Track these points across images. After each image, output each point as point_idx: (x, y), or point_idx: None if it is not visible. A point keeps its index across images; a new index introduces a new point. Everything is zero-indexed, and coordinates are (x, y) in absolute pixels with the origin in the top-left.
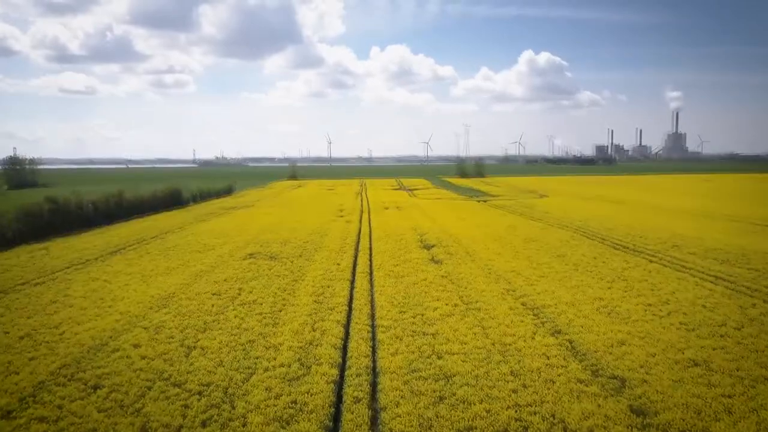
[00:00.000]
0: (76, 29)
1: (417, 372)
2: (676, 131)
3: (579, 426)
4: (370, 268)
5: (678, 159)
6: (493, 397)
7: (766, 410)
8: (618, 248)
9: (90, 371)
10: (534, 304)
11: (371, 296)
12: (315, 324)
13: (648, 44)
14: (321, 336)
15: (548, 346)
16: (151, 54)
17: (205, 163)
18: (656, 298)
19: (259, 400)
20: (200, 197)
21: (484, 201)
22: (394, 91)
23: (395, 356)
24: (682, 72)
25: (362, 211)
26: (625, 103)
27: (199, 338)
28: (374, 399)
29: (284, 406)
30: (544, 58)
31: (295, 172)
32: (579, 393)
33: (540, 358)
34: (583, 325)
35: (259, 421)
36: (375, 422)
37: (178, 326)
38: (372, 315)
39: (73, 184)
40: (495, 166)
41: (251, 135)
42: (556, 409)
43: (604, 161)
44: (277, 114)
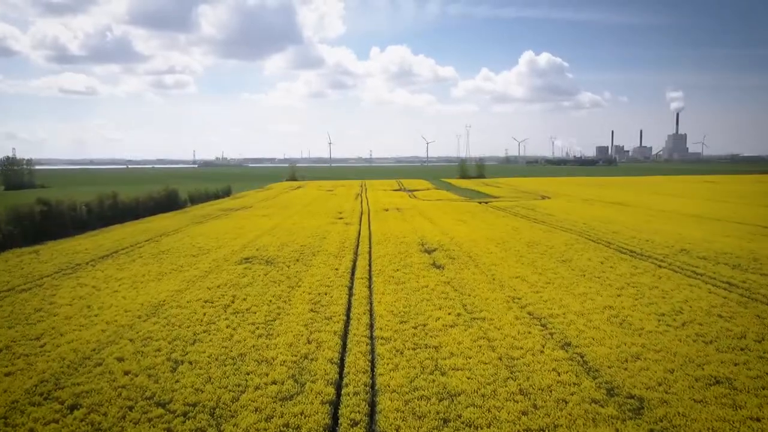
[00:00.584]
0: (76, 29)
1: (419, 390)
2: (677, 132)
3: None
4: (370, 273)
5: (679, 160)
6: (502, 420)
7: None
8: (624, 252)
9: (68, 389)
10: (541, 314)
11: (370, 304)
12: (311, 335)
13: (649, 45)
14: (317, 349)
15: (558, 360)
16: (152, 54)
17: (206, 163)
18: (669, 306)
19: (249, 423)
20: (198, 199)
21: (485, 203)
22: (395, 92)
23: (395, 372)
24: (683, 73)
25: (362, 213)
26: (626, 104)
27: (187, 351)
28: (373, 421)
29: (275, 431)
30: (544, 58)
31: (294, 173)
32: (594, 415)
33: (550, 374)
34: (593, 337)
35: None
36: None
37: (166, 337)
38: (371, 325)
39: (71, 185)
40: (496, 167)
41: (252, 135)
42: None
43: (605, 162)
44: (278, 114)
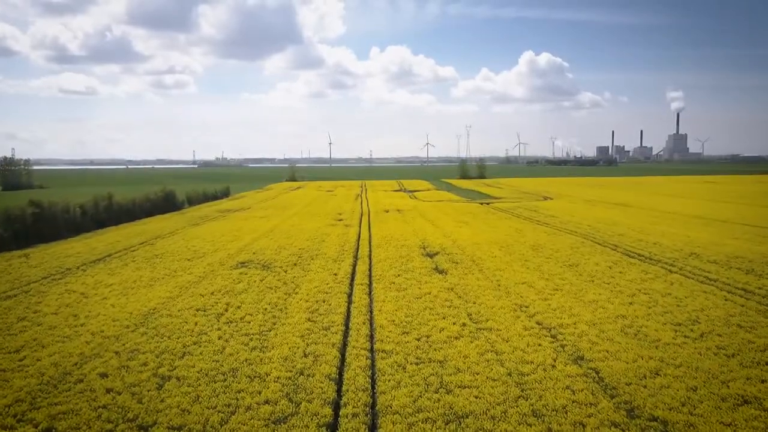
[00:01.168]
0: (75, 29)
1: (423, 412)
2: (677, 132)
3: None
4: (370, 278)
5: (679, 160)
6: None
7: None
8: (633, 256)
9: (45, 409)
10: (550, 324)
11: (370, 313)
12: (307, 348)
13: (649, 45)
14: (313, 364)
15: (572, 377)
16: (151, 54)
17: (205, 164)
18: (684, 315)
19: None
20: (195, 200)
21: (487, 204)
22: (395, 93)
23: (398, 390)
24: (683, 73)
25: (362, 214)
26: (626, 104)
27: (176, 366)
28: None
29: None
30: (544, 59)
31: (294, 173)
32: None
33: (564, 392)
34: (608, 351)
35: None
36: None
37: (154, 350)
38: (371, 337)
39: (69, 186)
40: (496, 167)
41: (252, 135)
42: None
43: (606, 162)
44: (278, 115)
